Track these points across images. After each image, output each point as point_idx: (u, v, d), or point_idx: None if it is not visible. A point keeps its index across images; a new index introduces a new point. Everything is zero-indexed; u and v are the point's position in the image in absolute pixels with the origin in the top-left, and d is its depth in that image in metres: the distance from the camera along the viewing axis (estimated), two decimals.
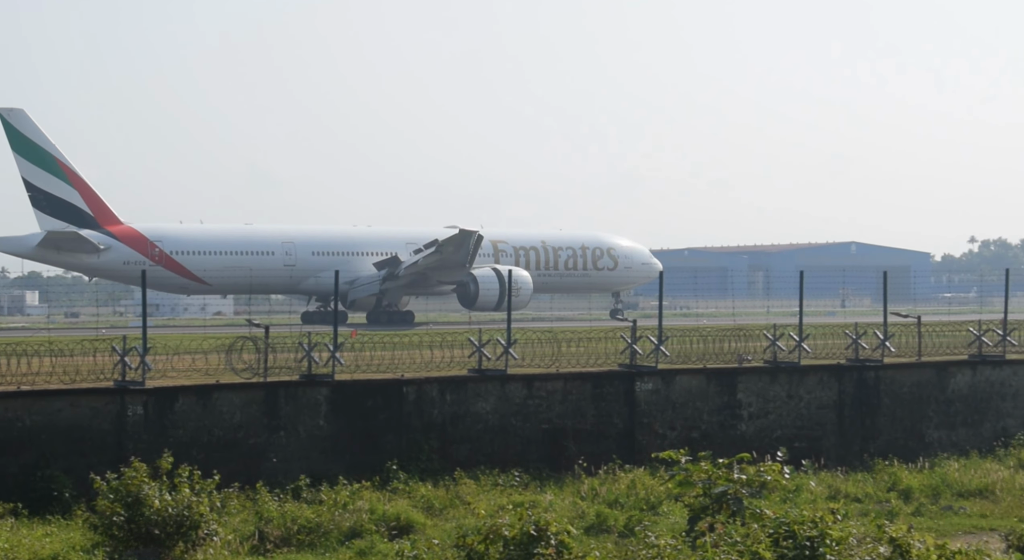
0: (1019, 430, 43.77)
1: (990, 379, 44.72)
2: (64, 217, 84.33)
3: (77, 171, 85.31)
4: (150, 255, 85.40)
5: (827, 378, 42.76)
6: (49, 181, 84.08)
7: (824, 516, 21.44)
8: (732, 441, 39.71)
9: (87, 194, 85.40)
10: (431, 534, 29.67)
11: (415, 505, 33.59)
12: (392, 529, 31.25)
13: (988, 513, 34.78)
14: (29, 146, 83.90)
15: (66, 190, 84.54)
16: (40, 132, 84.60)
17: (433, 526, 31.79)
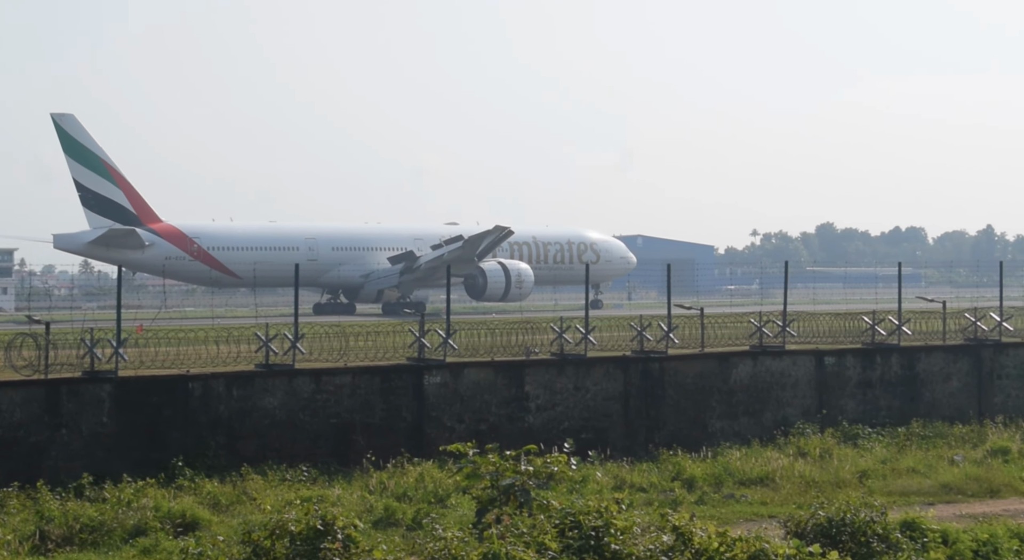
0: (799, 419, 44.88)
1: (771, 369, 45.77)
2: (111, 215, 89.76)
3: (121, 172, 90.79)
4: (189, 251, 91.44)
5: (613, 370, 43.31)
6: (97, 182, 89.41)
7: (609, 506, 21.72)
8: (520, 433, 39.99)
9: (130, 193, 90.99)
10: (217, 531, 29.32)
11: (201, 502, 33.13)
12: (177, 526, 30.80)
13: (768, 500, 35.61)
14: (79, 149, 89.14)
15: (112, 190, 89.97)
16: (88, 135, 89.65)
17: (219, 523, 31.39)
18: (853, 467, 38.88)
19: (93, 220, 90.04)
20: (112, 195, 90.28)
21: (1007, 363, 49.68)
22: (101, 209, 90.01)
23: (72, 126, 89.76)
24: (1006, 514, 33.24)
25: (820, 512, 25.73)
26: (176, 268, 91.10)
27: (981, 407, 48.36)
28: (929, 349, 48.85)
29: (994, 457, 40.92)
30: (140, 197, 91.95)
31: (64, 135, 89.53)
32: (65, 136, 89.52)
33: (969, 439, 43.83)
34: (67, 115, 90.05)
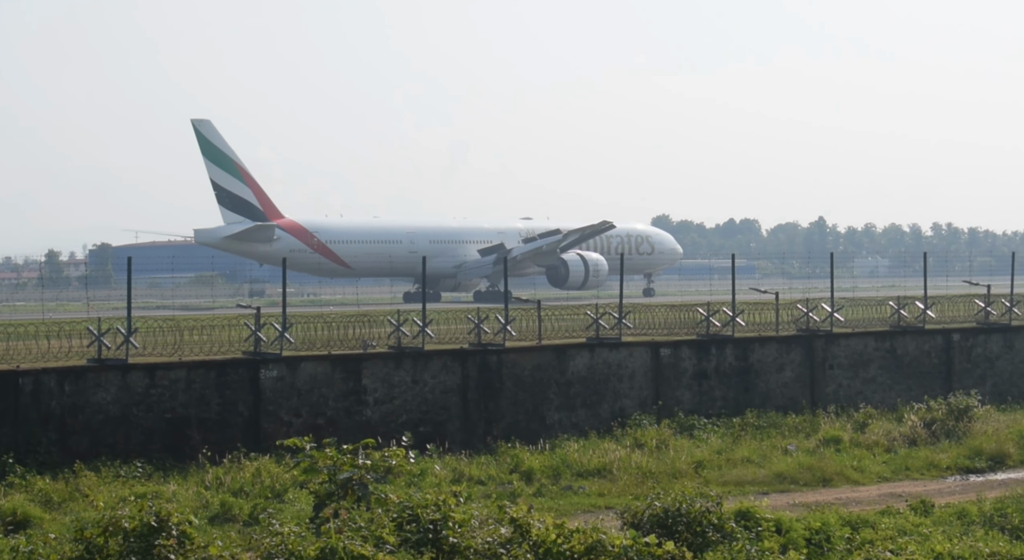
0: (635, 410, 45.28)
1: (607, 361, 46.11)
2: (241, 212, 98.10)
3: (249, 171, 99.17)
4: (310, 244, 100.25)
5: (451, 363, 43.28)
6: (230, 181, 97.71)
7: (447, 499, 21.68)
8: (358, 427, 39.80)
9: (257, 191, 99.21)
10: (49, 529, 28.60)
11: (32, 499, 32.42)
12: (8, 525, 30.08)
13: (606, 492, 35.87)
14: (215, 152, 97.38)
15: (242, 189, 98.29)
16: (222, 139, 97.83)
17: (51, 520, 30.72)
18: (689, 458, 39.31)
19: (227, 216, 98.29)
20: (243, 194, 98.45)
21: (838, 353, 50.64)
22: (234, 206, 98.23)
23: (209, 131, 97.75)
24: (838, 502, 33.88)
25: (656, 503, 25.94)
26: (299, 260, 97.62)
27: (814, 397, 49.24)
28: (763, 340, 49.60)
29: (826, 446, 41.69)
30: (265, 195, 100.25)
31: (202, 139, 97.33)
32: (203, 140, 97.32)
33: (802, 429, 44.56)
34: (205, 121, 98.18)
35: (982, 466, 40.13)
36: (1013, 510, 30.93)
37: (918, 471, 39.46)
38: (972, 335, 53.94)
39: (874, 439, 42.69)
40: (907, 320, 53.57)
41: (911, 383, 51.29)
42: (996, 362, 54.03)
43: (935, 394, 47.78)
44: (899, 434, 43.30)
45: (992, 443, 41.49)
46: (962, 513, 31.13)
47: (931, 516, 31.09)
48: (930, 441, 42.70)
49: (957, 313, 57.01)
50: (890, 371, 51.41)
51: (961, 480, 38.64)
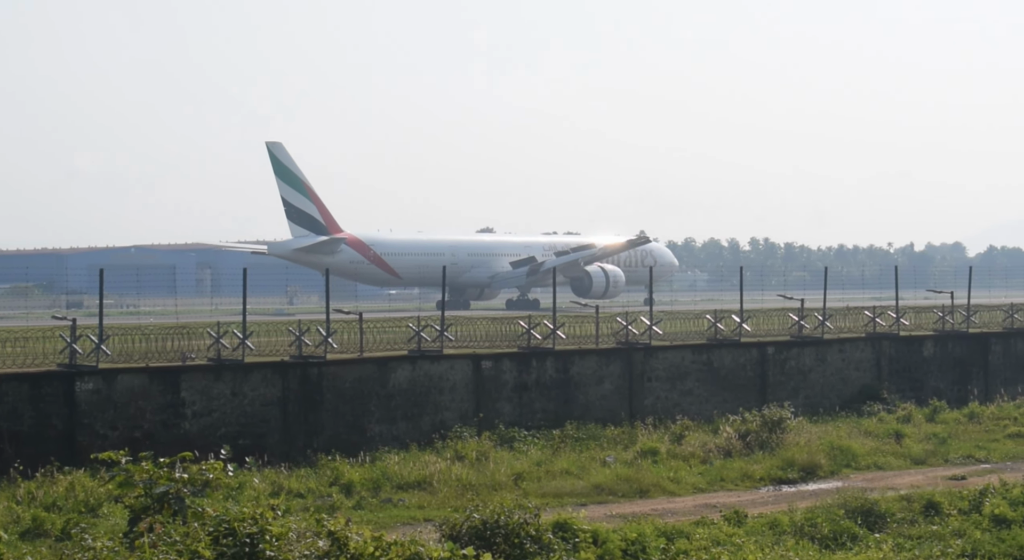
0: (456, 422, 45.40)
1: (429, 373, 46.19)
2: (307, 226, 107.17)
3: (314, 189, 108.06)
4: (368, 256, 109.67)
5: (271, 375, 42.99)
6: (298, 199, 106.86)
7: (264, 512, 21.51)
8: (176, 440, 39.23)
9: (320, 208, 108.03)
10: None
11: None
12: None
13: (426, 504, 35.93)
14: (286, 172, 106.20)
15: (308, 205, 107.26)
16: (292, 159, 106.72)
17: None
18: (509, 470, 39.53)
19: (295, 230, 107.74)
20: (309, 210, 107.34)
21: (656, 366, 51.37)
22: (301, 222, 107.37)
23: (281, 152, 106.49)
24: (654, 513, 34.37)
25: (475, 515, 26.07)
26: (358, 270, 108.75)
27: (632, 409, 49.86)
28: (583, 352, 50.12)
29: (644, 458, 42.23)
30: (327, 210, 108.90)
31: (275, 160, 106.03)
32: (276, 161, 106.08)
33: (621, 440, 45.07)
34: (277, 143, 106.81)
35: (794, 477, 41.02)
36: (823, 520, 31.73)
37: (733, 482, 40.20)
38: (786, 348, 55.12)
39: (690, 450, 43.37)
40: (724, 333, 54.56)
41: (727, 395, 52.23)
42: (809, 375, 55.29)
43: (750, 406, 48.68)
44: (715, 445, 44.05)
45: (804, 454, 42.42)
46: (774, 523, 31.85)
47: (744, 526, 31.73)
48: (745, 452, 43.50)
49: (772, 326, 58.19)
50: (707, 383, 52.31)
51: (774, 491, 39.45)
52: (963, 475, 41.27)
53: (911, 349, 58.79)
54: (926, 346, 59.30)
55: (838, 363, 56.29)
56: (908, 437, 47.18)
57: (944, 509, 33.90)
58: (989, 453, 45.83)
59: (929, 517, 33.50)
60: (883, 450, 45.04)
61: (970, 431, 50.04)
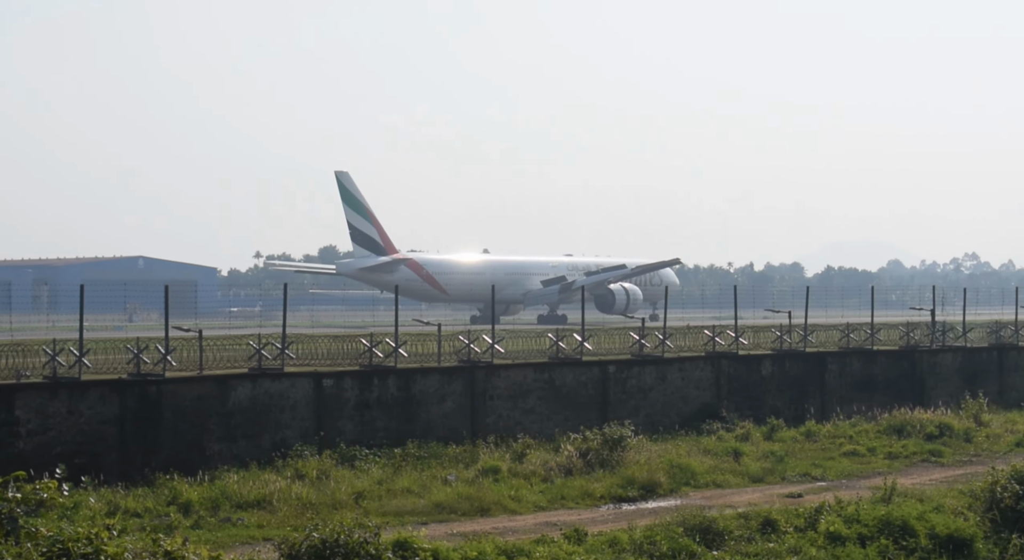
0: (297, 441, 45.02)
1: (269, 391, 45.77)
2: (368, 248, 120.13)
3: (375, 214, 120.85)
4: (421, 275, 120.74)
5: (109, 393, 42.25)
6: (362, 223, 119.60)
7: (100, 532, 21.22)
8: (10, 459, 38.32)
9: (380, 231, 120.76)
10: None
11: None
12: None
13: (265, 523, 35.56)
14: (351, 198, 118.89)
15: (370, 229, 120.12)
16: (356, 186, 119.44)
17: None
18: (350, 488, 39.32)
19: (358, 251, 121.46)
20: (370, 233, 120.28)
21: (499, 384, 51.48)
22: (363, 243, 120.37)
23: (347, 180, 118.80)
24: (495, 532, 34.38)
25: (315, 534, 25.93)
26: (412, 288, 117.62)
27: (474, 427, 49.89)
28: (425, 370, 50.05)
29: (485, 476, 42.26)
30: (385, 233, 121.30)
31: (342, 187, 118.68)
32: (343, 188, 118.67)
33: (462, 459, 45.06)
34: (344, 172, 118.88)
35: (634, 495, 41.34)
36: (662, 538, 32.07)
37: (573, 500, 40.39)
38: (627, 367, 55.61)
39: (532, 469, 43.50)
40: (565, 352, 54.88)
41: (569, 413, 52.51)
42: (649, 393, 55.83)
43: (591, 424, 48.93)
44: (556, 464, 44.22)
45: (644, 472, 42.79)
46: (614, 541, 32.10)
47: (584, 544, 31.94)
48: (586, 470, 43.75)
49: (613, 345, 58.68)
50: (549, 402, 52.55)
51: (614, 509, 39.70)
52: (800, 493, 41.93)
53: (750, 368, 59.69)
54: (764, 365, 60.27)
55: (678, 382, 56.94)
56: (746, 455, 47.85)
57: (781, 526, 34.45)
58: (825, 471, 46.65)
59: (766, 534, 34.02)
60: (722, 468, 45.61)
61: (807, 449, 50.89)
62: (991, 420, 58.22)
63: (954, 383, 66.54)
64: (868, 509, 35.43)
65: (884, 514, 34.55)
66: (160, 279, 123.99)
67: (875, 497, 38.39)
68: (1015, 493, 35.23)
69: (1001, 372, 69.86)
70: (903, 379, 65.02)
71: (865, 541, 33.28)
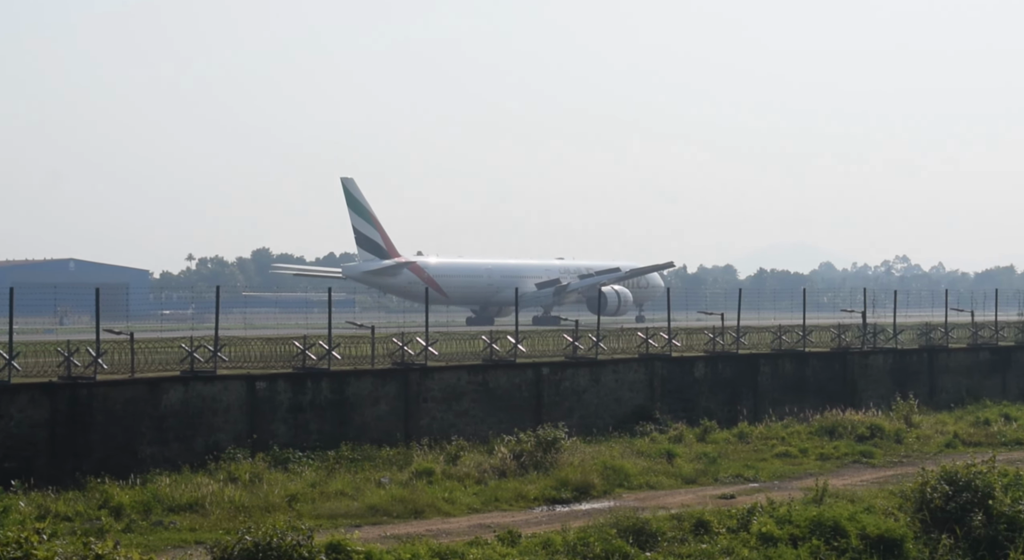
0: (230, 444, 44.78)
1: (202, 394, 45.52)
2: (372, 251, 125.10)
3: (378, 218, 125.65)
4: (423, 278, 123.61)
5: (39, 396, 41.90)
6: (366, 227, 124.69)
7: (30, 536, 21.04)
8: None
9: (383, 235, 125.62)
10: None
11: None
12: None
13: (198, 526, 35.37)
14: (356, 203, 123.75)
15: (374, 233, 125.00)
16: (361, 193, 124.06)
17: None
18: (283, 491, 39.16)
19: (362, 255, 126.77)
20: (374, 237, 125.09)
21: (432, 386, 51.43)
22: (367, 247, 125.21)
23: (352, 187, 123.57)
24: (429, 534, 34.33)
25: (247, 537, 25.82)
26: (414, 290, 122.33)
27: (408, 430, 49.81)
28: (359, 373, 49.92)
29: (419, 478, 42.19)
30: (388, 237, 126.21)
31: (348, 194, 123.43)
32: (348, 194, 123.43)
33: (396, 461, 44.98)
34: (349, 179, 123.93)
35: (568, 496, 41.39)
36: (595, 540, 32.11)
37: (507, 502, 40.40)
38: (561, 369, 55.70)
39: (466, 471, 43.49)
40: (499, 354, 54.91)
41: (503, 416, 52.53)
42: (583, 395, 55.94)
43: (525, 427, 48.90)
44: (490, 466, 44.23)
45: (578, 474, 42.86)
46: (547, 543, 32.13)
47: (518, 546, 31.94)
48: (519, 473, 43.76)
49: (547, 347, 58.78)
50: (483, 404, 52.55)
51: (548, 510, 39.75)
52: (732, 494, 42.13)
53: (683, 370, 59.93)
54: (697, 367, 60.53)
55: (612, 384, 57.08)
56: (680, 457, 48.01)
57: (713, 527, 34.57)
58: (757, 472, 46.88)
59: (699, 535, 34.12)
60: (655, 470, 45.74)
61: (739, 451, 51.16)
62: (921, 421, 58.65)
63: (885, 385, 67.06)
64: (800, 510, 35.60)
65: (816, 515, 34.73)
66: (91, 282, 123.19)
67: (807, 498, 38.62)
68: (944, 494, 35.48)
69: (931, 374, 70.48)
70: (835, 381, 65.49)
71: (797, 542, 33.43)
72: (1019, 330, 79.44)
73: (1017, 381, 74.25)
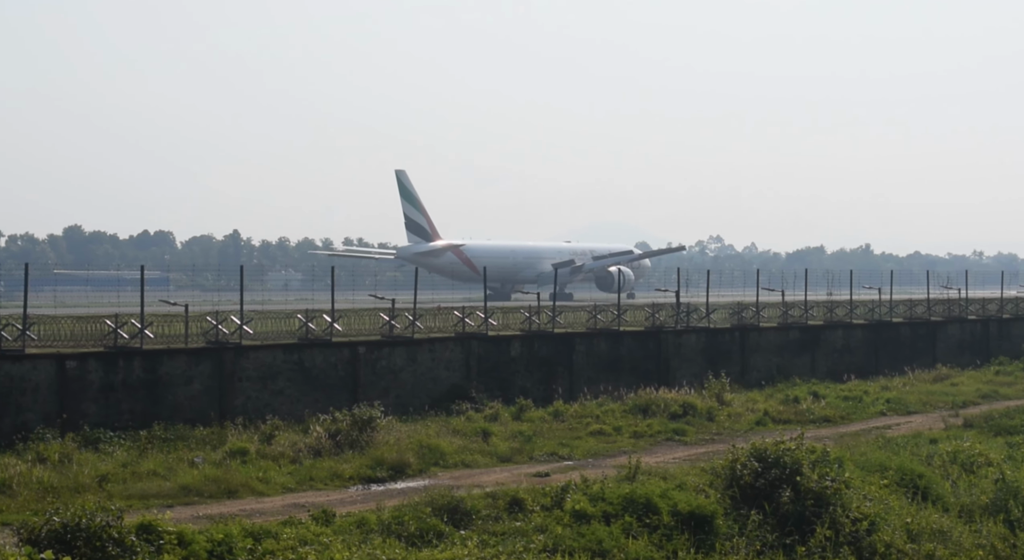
0: (39, 424, 43.93)
1: (10, 374, 44.57)
2: (420, 235, 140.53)
3: (424, 205, 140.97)
4: (462, 259, 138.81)
5: None
6: (415, 213, 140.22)
7: None
8: None
9: (427, 220, 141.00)
10: None
11: None
12: None
13: (5, 508, 34.51)
14: (407, 192, 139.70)
15: (421, 218, 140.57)
16: (411, 182, 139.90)
17: None
18: (94, 471, 38.44)
19: (411, 238, 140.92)
20: (421, 222, 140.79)
21: (247, 365, 50.97)
22: (416, 232, 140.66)
23: (404, 177, 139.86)
24: (242, 514, 34.03)
25: (55, 518, 25.30)
26: (455, 270, 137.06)
27: (223, 409, 49.31)
28: (172, 352, 49.24)
29: (233, 458, 41.76)
30: (432, 221, 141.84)
31: (400, 184, 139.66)
32: (401, 185, 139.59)
33: (210, 441, 44.50)
34: (402, 171, 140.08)
35: (383, 475, 41.30)
36: (410, 518, 32.15)
37: (323, 482, 40.18)
38: (377, 348, 55.60)
39: (280, 450, 43.14)
40: (315, 333, 54.61)
41: (319, 395, 52.30)
42: (400, 374, 55.93)
43: (342, 406, 48.71)
44: (305, 445, 43.94)
45: (393, 453, 42.81)
46: (362, 522, 32.06)
47: (332, 525, 31.81)
48: (335, 452, 43.55)
49: (364, 326, 58.57)
50: (298, 383, 52.25)
51: (363, 490, 39.63)
52: (547, 472, 42.43)
53: (499, 349, 60.25)
54: (513, 346, 60.89)
55: (428, 362, 57.15)
56: (495, 435, 48.24)
57: (528, 505, 34.79)
58: (572, 450, 47.29)
59: (513, 514, 34.31)
60: (471, 448, 45.89)
61: (555, 429, 51.55)
62: (733, 399, 59.76)
63: (698, 363, 68.23)
64: (613, 487, 36.01)
65: (628, 492, 35.15)
66: None
67: (620, 475, 39.05)
68: (754, 470, 36.20)
69: (743, 352, 71.89)
70: (649, 359, 66.42)
71: (610, 519, 33.80)
72: (827, 309, 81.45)
73: (825, 360, 76.20)
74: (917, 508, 38.72)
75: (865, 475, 40.41)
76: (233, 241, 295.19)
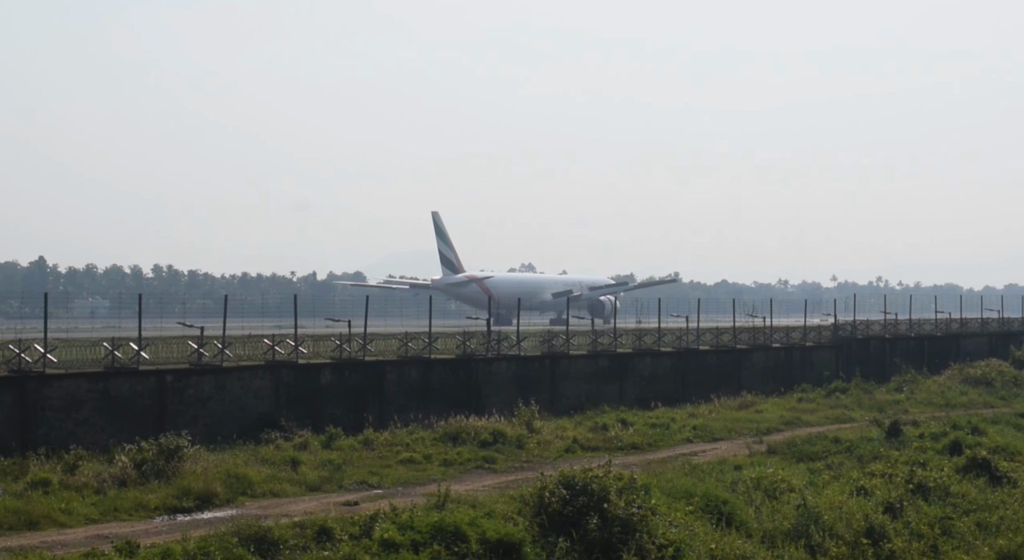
0: None
1: None
2: (449, 268, 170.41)
3: (452, 241, 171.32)
4: (484, 289, 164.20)
5: None
6: (446, 249, 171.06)
7: None
8: None
9: (455, 255, 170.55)
10: None
11: None
12: None
13: None
14: (440, 231, 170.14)
15: (451, 253, 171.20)
16: (443, 222, 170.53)
17: None
18: None
19: (444, 271, 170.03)
20: (451, 256, 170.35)
21: (51, 395, 49.93)
22: (447, 265, 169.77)
23: (438, 218, 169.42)
24: (43, 546, 33.34)
25: None
26: (478, 298, 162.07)
27: (24, 439, 48.23)
28: None
29: (35, 489, 40.87)
30: (458, 256, 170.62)
31: (435, 223, 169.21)
32: (436, 224, 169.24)
33: (11, 472, 43.58)
34: (436, 212, 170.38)
35: (190, 506, 40.75)
36: (216, 548, 31.81)
37: (127, 512, 39.51)
38: (185, 376, 54.87)
39: (84, 481, 42.34)
40: (122, 361, 53.69)
41: (125, 424, 51.42)
42: (208, 403, 55.26)
43: (148, 435, 47.95)
44: (109, 475, 43.17)
45: (200, 483, 42.27)
46: (167, 553, 31.59)
47: (136, 557, 31.38)
48: (140, 482, 42.88)
49: (172, 354, 57.72)
50: (104, 413, 51.32)
51: (169, 520, 39.04)
52: (356, 501, 42.28)
53: (309, 377, 59.88)
54: (324, 374, 60.58)
55: (238, 391, 56.57)
56: (304, 464, 47.94)
57: (336, 535, 34.63)
58: (382, 479, 47.21)
59: (321, 543, 34.13)
60: (280, 477, 45.52)
61: (365, 457, 51.39)
62: (543, 427, 60.20)
63: (509, 391, 68.57)
64: (422, 516, 36.04)
65: (437, 520, 35.22)
66: None
67: (429, 504, 39.08)
68: (562, 498, 36.54)
69: (553, 380, 72.47)
70: (459, 387, 66.59)
71: (419, 547, 33.82)
72: (636, 337, 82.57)
73: (634, 387, 77.18)
74: (721, 534, 39.41)
75: (671, 501, 41.04)
76: (39, 268, 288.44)
